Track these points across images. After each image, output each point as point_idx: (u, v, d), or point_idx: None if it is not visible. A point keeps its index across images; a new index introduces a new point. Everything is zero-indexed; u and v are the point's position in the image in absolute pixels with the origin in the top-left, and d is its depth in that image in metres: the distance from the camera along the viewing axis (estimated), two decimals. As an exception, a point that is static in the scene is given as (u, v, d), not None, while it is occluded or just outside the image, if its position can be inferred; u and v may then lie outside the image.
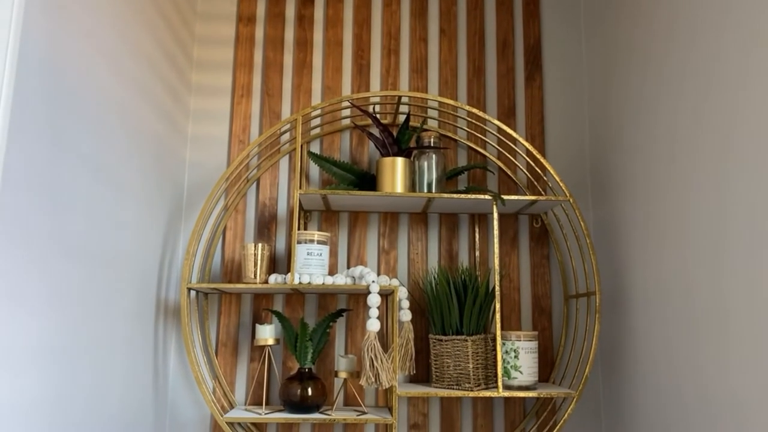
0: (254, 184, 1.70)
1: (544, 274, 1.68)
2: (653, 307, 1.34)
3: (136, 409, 1.37)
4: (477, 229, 1.69)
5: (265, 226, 1.67)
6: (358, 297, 1.65)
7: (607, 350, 1.59)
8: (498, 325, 1.41)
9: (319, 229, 1.67)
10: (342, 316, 1.57)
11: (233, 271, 1.63)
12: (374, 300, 1.40)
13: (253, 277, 1.47)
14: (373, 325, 1.38)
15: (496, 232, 1.46)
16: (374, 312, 1.40)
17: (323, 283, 1.43)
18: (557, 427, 1.42)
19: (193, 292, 1.58)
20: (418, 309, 1.63)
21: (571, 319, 1.63)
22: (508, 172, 1.70)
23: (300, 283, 1.42)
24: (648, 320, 1.37)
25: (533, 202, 1.51)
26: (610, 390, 1.57)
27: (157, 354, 1.49)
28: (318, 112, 1.69)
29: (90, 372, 1.13)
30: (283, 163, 1.71)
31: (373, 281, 1.42)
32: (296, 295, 1.63)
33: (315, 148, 1.72)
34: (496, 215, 1.48)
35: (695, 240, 1.19)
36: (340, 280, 1.45)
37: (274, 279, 1.45)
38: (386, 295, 1.61)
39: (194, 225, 1.47)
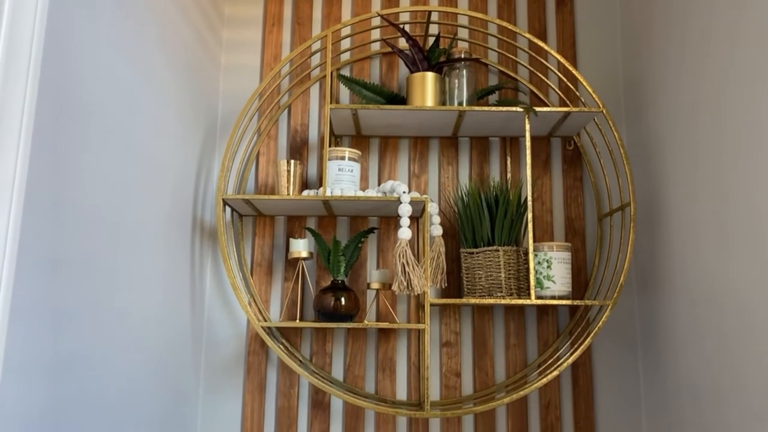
0: (286, 111, 1.72)
1: (577, 196, 1.66)
2: (689, 220, 1.32)
3: (174, 326, 1.41)
4: (508, 153, 1.68)
5: (297, 152, 1.69)
6: (388, 220, 1.66)
7: (642, 267, 1.57)
8: (530, 235, 1.41)
9: (350, 155, 1.68)
10: (373, 233, 1.58)
11: (266, 194, 1.66)
12: (405, 209, 1.41)
13: (286, 193, 1.49)
14: (405, 233, 1.39)
15: (528, 143, 1.45)
16: (405, 221, 1.40)
17: (355, 195, 1.44)
18: (591, 335, 1.41)
19: (228, 215, 1.61)
20: (449, 231, 1.63)
21: (605, 239, 1.61)
22: (540, 95, 1.68)
23: (332, 194, 1.43)
24: (684, 234, 1.34)
25: (566, 115, 1.49)
26: (645, 306, 1.55)
27: (193, 274, 1.53)
28: (348, 31, 1.70)
29: (126, 289, 1.16)
30: (314, 91, 1.73)
31: (404, 192, 1.42)
32: (328, 218, 1.65)
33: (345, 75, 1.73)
34: (528, 127, 1.46)
35: (731, 152, 1.16)
36: (372, 193, 1.46)
37: (307, 193, 1.47)
38: (416, 217, 1.62)
39: (228, 138, 1.50)
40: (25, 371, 0.84)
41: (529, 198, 1.42)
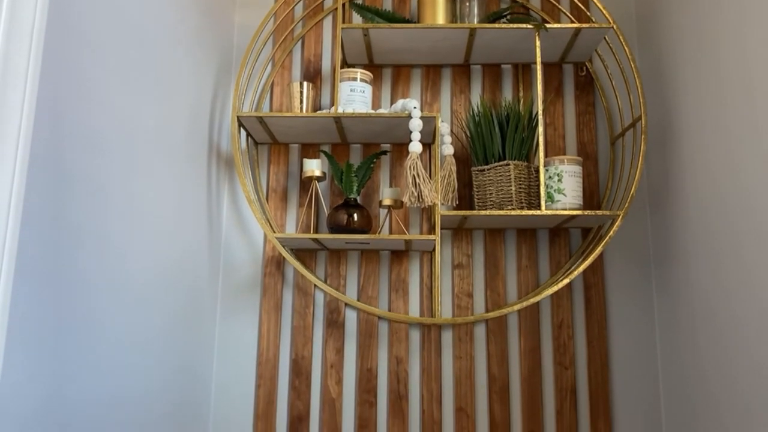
0: (299, 43, 1.75)
1: (589, 121, 1.66)
2: (701, 141, 1.31)
3: (190, 250, 1.44)
4: (521, 80, 1.68)
5: (310, 81, 1.71)
6: (401, 147, 1.67)
7: (654, 186, 1.56)
8: (541, 148, 1.42)
9: (363, 85, 1.70)
10: (385, 154, 1.61)
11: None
12: (416, 124, 1.42)
13: (299, 112, 1.52)
14: (416, 146, 1.41)
15: (538, 60, 1.46)
16: (416, 135, 1.42)
17: (366, 112, 1.46)
18: (602, 244, 1.41)
19: (243, 141, 1.64)
20: (462, 157, 1.64)
21: (617, 162, 1.61)
22: (551, 22, 1.68)
23: (344, 112, 1.46)
24: (695, 149, 1.33)
25: (577, 33, 1.49)
26: (657, 225, 1.55)
27: (210, 200, 1.57)
28: (359, -44, 1.72)
29: (142, 213, 1.19)
30: (327, 23, 1.75)
31: (415, 107, 1.44)
32: (342, 146, 1.68)
33: (357, 5, 1.75)
34: (538, 44, 1.47)
35: (742, 67, 1.15)
36: (383, 111, 1.48)
37: (320, 112, 1.49)
38: (428, 144, 1.64)
39: (243, 57, 1.53)
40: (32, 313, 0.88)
41: (540, 112, 1.43)
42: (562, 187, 1.42)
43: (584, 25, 1.47)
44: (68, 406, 0.93)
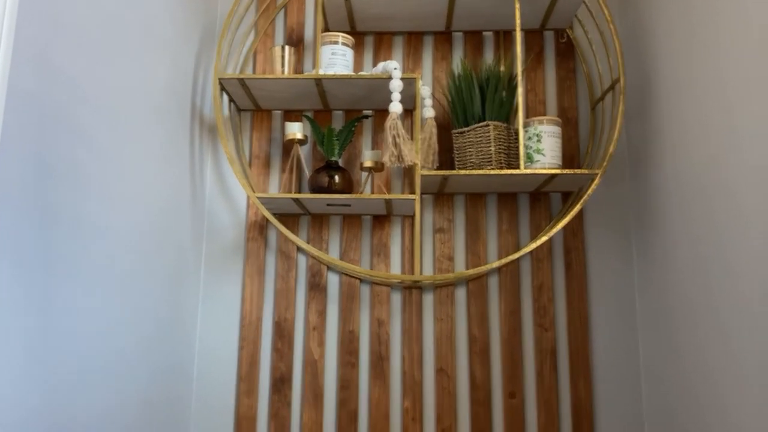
0: (282, 12, 1.75)
1: (569, 87, 1.68)
2: (677, 106, 1.32)
3: (175, 213, 1.45)
4: (502, 47, 1.70)
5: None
6: (383, 114, 1.68)
7: (634, 155, 1.58)
8: (520, 108, 1.43)
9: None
10: (367, 118, 1.61)
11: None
12: (396, 84, 1.43)
13: (281, 74, 1.52)
14: (395, 106, 1.42)
15: (518, 20, 1.47)
16: (396, 96, 1.43)
17: (347, 74, 1.47)
18: (581, 201, 1.43)
19: (226, 108, 1.65)
20: (444, 123, 1.65)
21: (597, 127, 1.62)
22: (533, -11, 1.70)
23: (326, 74, 1.47)
24: (672, 119, 1.35)
25: (556, -4, 1.51)
26: (638, 191, 1.56)
27: (193, 166, 1.57)
28: None
29: (124, 177, 1.20)
30: (309, -5, 1.76)
31: (396, 68, 1.45)
32: (324, 113, 1.69)
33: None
34: (518, 6, 1.48)
35: (715, 37, 1.17)
36: (365, 73, 1.49)
37: (301, 74, 1.50)
38: (410, 110, 1.65)
39: (224, 20, 1.53)
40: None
41: (519, 72, 1.44)
42: (542, 147, 1.44)
43: (563, -13, 1.48)
44: (55, 361, 0.93)
